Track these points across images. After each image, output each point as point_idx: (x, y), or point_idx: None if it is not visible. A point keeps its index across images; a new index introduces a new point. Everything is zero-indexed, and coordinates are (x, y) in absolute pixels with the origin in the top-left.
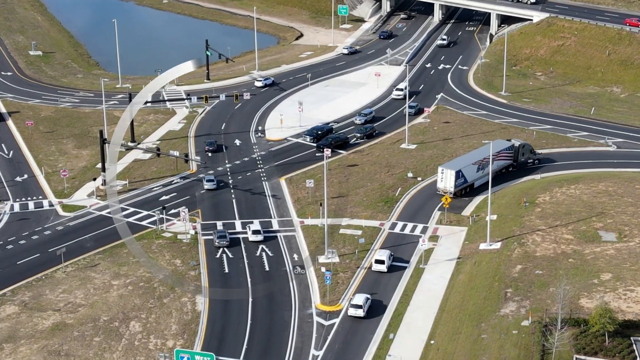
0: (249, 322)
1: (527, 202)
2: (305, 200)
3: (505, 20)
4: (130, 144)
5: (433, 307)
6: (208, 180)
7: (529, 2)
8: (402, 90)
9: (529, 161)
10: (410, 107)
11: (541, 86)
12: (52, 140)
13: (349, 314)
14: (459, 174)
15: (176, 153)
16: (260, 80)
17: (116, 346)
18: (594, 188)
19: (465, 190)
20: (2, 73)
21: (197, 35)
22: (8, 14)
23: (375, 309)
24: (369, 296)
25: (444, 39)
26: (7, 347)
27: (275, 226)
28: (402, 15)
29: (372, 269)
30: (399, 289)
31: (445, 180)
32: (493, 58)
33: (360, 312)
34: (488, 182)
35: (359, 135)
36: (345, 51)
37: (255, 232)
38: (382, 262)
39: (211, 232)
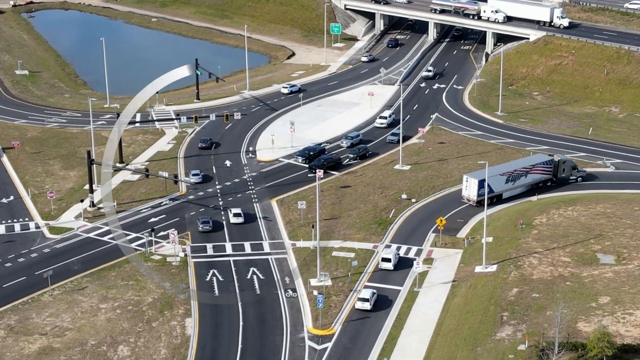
0: (239, 346)
1: (524, 224)
2: (297, 222)
3: (501, 38)
4: (118, 164)
5: (428, 331)
6: (194, 174)
7: (561, 26)
8: (385, 118)
9: (571, 178)
10: (393, 134)
11: (538, 106)
12: (38, 161)
13: (356, 308)
14: (483, 183)
15: (165, 174)
16: (287, 87)
17: None
18: (592, 210)
19: (492, 200)
20: None
21: (187, 54)
22: None
23: (369, 333)
24: (375, 291)
25: (429, 70)
26: None
27: (267, 248)
28: (409, 22)
29: (379, 267)
30: (393, 313)
31: (469, 188)
32: (489, 77)
33: (367, 305)
34: (519, 194)
35: (352, 156)
36: (365, 59)
37: (236, 215)
38: (388, 260)
39: (201, 254)
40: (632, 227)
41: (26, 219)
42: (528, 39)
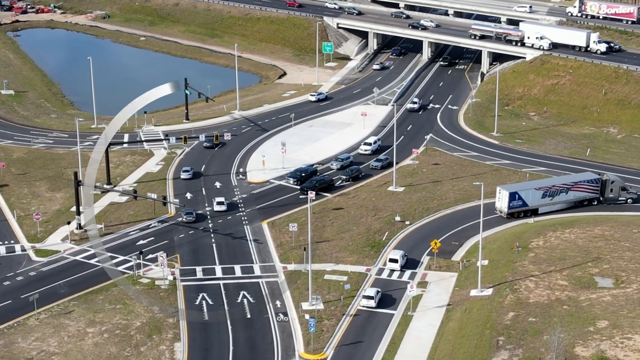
0: None
1: (520, 246)
2: (289, 244)
3: (497, 58)
4: (106, 186)
5: (422, 356)
6: (184, 171)
7: (598, 51)
8: (370, 145)
9: (620, 198)
10: (378, 160)
11: (534, 126)
12: (24, 183)
13: (361, 305)
14: (514, 196)
15: (154, 196)
16: (314, 95)
17: None
18: (590, 232)
19: (526, 214)
20: None
21: (176, 73)
22: None
23: (361, 358)
24: (379, 289)
25: (414, 102)
26: None
27: (257, 272)
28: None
29: (386, 267)
30: (386, 337)
31: (501, 200)
32: (484, 97)
33: (372, 303)
34: (557, 210)
35: (344, 177)
36: (377, 67)
37: (219, 203)
38: (395, 260)
39: (190, 277)
40: (631, 249)
41: (12, 242)
42: (524, 58)
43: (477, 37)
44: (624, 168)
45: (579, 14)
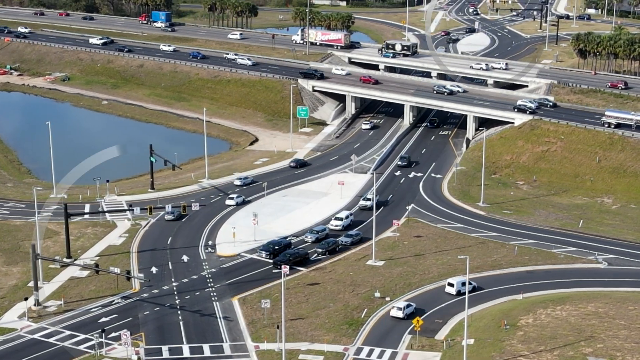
0: None
1: (508, 324)
2: (261, 322)
3: (483, 123)
4: (65, 260)
5: None
6: (169, 212)
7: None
8: (341, 220)
9: None
10: (348, 236)
11: (523, 196)
12: None
13: (391, 315)
14: None
15: (117, 270)
16: (367, 123)
17: None
18: (583, 309)
19: None
20: None
21: (141, 139)
22: None
23: None
24: (411, 303)
25: (368, 199)
26: None
27: (227, 351)
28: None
29: (445, 290)
30: None
31: None
32: (470, 165)
33: (399, 314)
34: None
35: (320, 250)
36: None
37: (230, 197)
38: (451, 285)
39: (156, 357)
40: (627, 328)
41: None
42: (513, 123)
43: (613, 126)
44: (619, 241)
45: (302, 42)
